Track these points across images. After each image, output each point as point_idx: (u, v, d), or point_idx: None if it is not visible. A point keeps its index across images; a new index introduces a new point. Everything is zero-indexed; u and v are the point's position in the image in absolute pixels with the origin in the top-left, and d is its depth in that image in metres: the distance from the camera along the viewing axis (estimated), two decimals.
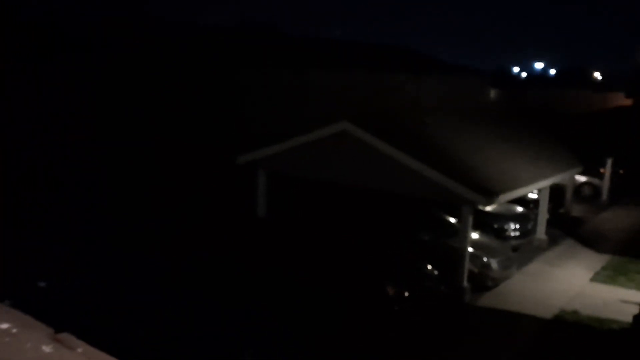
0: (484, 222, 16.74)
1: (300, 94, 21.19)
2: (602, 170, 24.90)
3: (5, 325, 3.19)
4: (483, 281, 14.60)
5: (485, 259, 14.63)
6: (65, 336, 3.18)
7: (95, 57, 15.84)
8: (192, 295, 12.85)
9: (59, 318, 4.87)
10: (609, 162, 24.47)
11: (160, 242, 15.67)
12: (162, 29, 23.07)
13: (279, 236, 14.64)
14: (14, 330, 3.16)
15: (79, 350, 3.10)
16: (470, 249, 14.10)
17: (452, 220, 15.78)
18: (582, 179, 25.39)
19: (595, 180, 25.57)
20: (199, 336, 11.28)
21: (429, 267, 13.68)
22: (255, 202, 16.72)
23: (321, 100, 21.58)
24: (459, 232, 14.32)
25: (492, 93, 37.66)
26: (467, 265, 14.02)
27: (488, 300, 14.11)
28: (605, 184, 25.05)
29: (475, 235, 15.06)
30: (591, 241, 19.30)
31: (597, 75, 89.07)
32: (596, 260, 17.33)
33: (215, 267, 13.97)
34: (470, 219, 13.88)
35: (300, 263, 13.47)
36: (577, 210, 22.69)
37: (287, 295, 12.85)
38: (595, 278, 15.86)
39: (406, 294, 12.89)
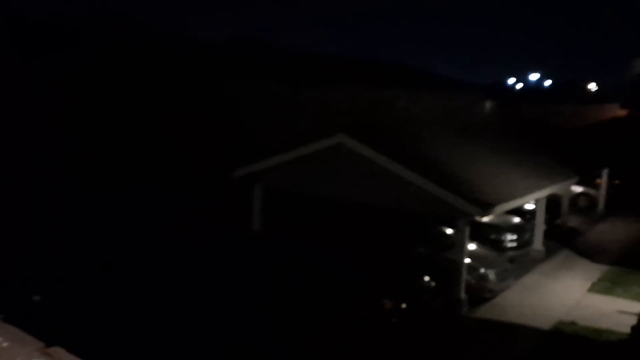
0: (480, 234, 16.71)
1: (296, 108, 21.28)
2: (598, 181, 24.93)
3: None
4: (480, 293, 14.55)
5: (482, 271, 14.60)
6: (56, 350, 3.16)
7: (97, 70, 15.91)
8: (181, 309, 12.78)
9: (52, 331, 4.84)
10: (605, 172, 24.51)
11: (151, 255, 15.60)
12: (158, 41, 23.18)
13: (275, 250, 14.60)
14: (5, 344, 3.14)
15: None
16: (467, 261, 14.08)
17: (449, 231, 15.76)
18: (578, 189, 25.40)
19: (592, 191, 25.58)
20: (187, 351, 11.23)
21: (426, 279, 13.65)
22: (251, 215, 16.69)
23: (317, 114, 21.66)
24: (456, 244, 14.30)
25: (488, 106, 37.80)
26: (464, 277, 13.98)
27: (485, 311, 14.05)
28: (602, 194, 25.07)
29: (472, 247, 15.03)
30: (588, 252, 19.27)
31: (593, 86, 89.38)
32: (593, 271, 17.29)
33: (205, 282, 13.89)
34: (467, 231, 13.86)
35: (297, 277, 13.43)
36: (573, 221, 22.67)
37: (282, 309, 12.79)
38: (593, 289, 15.82)
39: (403, 306, 12.87)
